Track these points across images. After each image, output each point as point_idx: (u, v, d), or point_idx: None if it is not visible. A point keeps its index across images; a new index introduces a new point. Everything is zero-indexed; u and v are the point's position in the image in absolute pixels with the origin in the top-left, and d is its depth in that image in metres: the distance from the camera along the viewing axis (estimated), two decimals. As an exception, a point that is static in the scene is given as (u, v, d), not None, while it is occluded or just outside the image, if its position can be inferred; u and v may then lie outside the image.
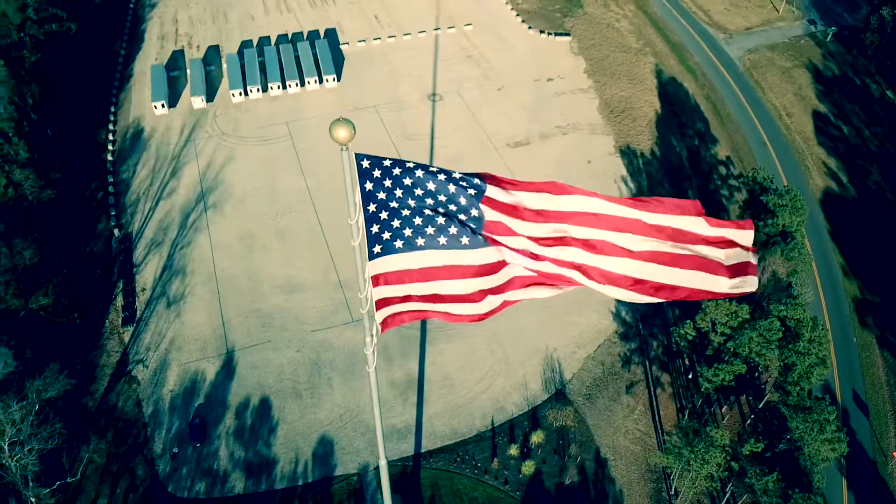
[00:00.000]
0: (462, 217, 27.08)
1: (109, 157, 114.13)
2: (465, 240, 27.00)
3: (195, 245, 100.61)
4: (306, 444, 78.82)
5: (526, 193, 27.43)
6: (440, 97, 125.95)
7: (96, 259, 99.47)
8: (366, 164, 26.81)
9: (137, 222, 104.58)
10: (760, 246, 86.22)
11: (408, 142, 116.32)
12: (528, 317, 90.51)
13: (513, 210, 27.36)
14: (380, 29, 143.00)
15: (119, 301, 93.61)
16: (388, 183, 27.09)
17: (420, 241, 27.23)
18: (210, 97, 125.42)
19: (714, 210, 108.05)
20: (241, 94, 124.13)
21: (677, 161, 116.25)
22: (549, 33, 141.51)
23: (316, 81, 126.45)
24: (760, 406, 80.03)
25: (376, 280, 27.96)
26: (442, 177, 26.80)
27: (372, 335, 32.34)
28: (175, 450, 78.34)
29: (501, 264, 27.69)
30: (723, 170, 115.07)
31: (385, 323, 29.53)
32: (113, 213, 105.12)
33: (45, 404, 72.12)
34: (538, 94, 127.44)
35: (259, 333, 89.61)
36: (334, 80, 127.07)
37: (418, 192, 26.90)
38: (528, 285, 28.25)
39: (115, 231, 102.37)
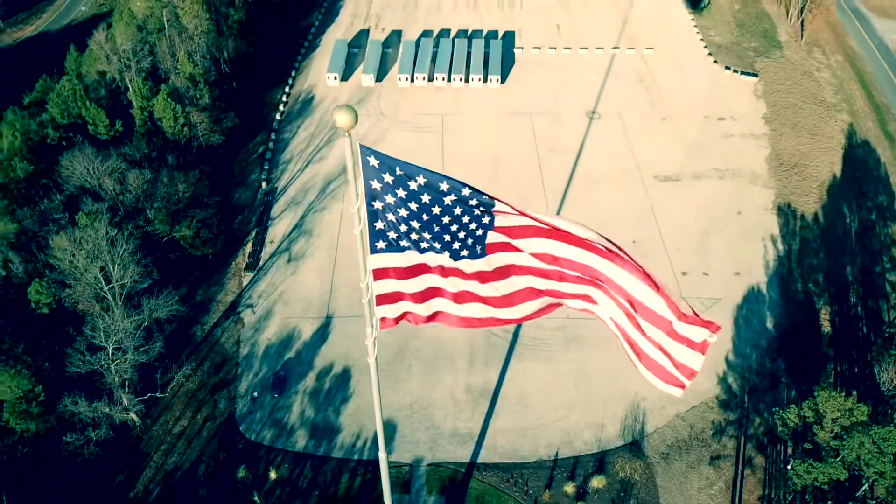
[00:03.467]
0: (470, 233, 26.44)
1: (277, 117, 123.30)
2: (477, 250, 26.62)
3: (327, 211, 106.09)
4: (371, 423, 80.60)
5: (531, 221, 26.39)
6: (599, 116, 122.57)
7: (241, 206, 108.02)
8: (374, 162, 26.02)
9: (284, 180, 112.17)
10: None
11: (552, 154, 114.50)
12: (624, 358, 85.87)
13: (520, 232, 26.63)
14: (558, 39, 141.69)
15: (248, 248, 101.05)
16: (401, 193, 26.33)
17: (424, 245, 27.02)
18: (380, 77, 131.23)
19: (873, 295, 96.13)
20: (408, 79, 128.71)
21: (843, 233, 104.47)
22: (734, 70, 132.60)
23: (480, 80, 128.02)
24: (859, 522, 70.30)
25: (377, 274, 28.02)
26: (466, 191, 25.64)
27: (372, 326, 32.31)
28: (255, 394, 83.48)
29: (498, 275, 27.28)
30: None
31: (385, 320, 29.53)
32: (266, 168, 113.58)
33: (154, 323, 79.71)
34: (704, 131, 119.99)
35: (360, 307, 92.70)
36: (498, 81, 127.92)
37: (435, 210, 26.07)
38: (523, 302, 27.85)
39: (263, 184, 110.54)
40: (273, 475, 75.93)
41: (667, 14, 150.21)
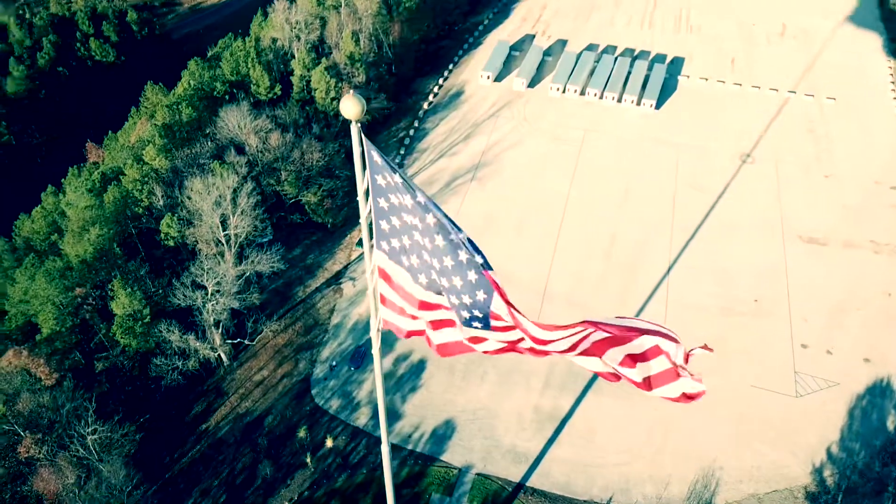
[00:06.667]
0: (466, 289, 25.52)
1: (425, 106, 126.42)
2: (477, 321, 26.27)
3: (446, 206, 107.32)
4: (432, 418, 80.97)
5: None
6: (752, 160, 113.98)
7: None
8: (377, 158, 25.69)
9: (415, 167, 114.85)
10: None
11: (690, 192, 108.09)
12: (712, 419, 79.90)
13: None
14: (729, 73, 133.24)
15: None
16: (395, 199, 25.59)
17: (417, 266, 26.43)
18: (532, 84, 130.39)
19: None
20: (559, 90, 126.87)
21: None
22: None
23: (633, 101, 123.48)
24: None
25: (382, 274, 27.78)
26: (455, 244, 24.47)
27: (377, 319, 32.29)
28: (334, 363, 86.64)
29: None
30: None
31: (387, 323, 29.34)
32: (402, 153, 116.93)
33: (255, 275, 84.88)
34: (871, 197, 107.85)
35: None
36: (652, 106, 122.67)
37: (425, 239, 25.23)
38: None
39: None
40: (329, 443, 78.55)
41: (863, 64, 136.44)
